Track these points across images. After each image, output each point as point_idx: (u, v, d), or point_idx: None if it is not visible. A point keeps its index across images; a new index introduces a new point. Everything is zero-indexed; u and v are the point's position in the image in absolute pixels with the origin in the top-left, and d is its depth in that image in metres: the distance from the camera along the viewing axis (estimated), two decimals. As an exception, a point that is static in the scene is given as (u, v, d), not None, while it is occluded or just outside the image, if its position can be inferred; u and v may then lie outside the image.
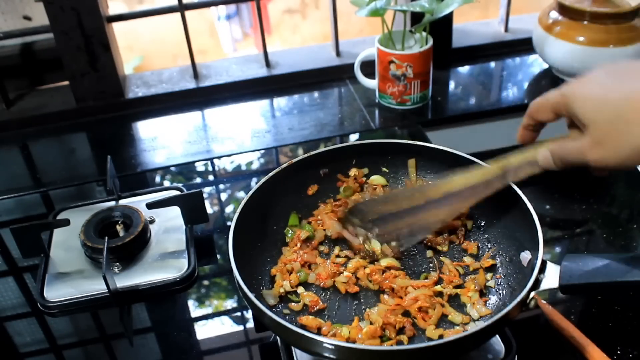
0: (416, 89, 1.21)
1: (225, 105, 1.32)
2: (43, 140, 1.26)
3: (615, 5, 1.19)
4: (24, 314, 0.87)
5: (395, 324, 0.72)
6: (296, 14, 3.27)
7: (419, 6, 1.11)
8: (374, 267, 0.79)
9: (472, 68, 1.39)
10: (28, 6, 1.30)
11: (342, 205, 0.88)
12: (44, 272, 0.89)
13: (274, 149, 1.18)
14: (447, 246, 0.83)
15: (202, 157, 1.16)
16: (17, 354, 0.82)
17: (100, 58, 1.25)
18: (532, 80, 1.33)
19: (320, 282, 0.79)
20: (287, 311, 0.76)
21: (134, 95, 1.31)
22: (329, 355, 0.64)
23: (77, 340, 0.85)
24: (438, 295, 0.76)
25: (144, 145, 1.21)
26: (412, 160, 0.91)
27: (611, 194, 1.04)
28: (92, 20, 1.20)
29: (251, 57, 1.43)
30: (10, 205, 1.08)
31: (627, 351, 0.75)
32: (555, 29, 1.22)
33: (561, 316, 0.78)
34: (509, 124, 1.28)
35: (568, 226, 0.98)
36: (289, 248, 0.84)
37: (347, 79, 1.36)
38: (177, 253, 0.91)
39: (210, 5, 1.40)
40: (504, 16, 1.45)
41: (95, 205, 1.00)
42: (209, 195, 1.09)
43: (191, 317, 0.86)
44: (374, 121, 1.23)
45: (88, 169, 1.17)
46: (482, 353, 0.72)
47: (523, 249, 0.75)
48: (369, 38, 1.44)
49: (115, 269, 0.89)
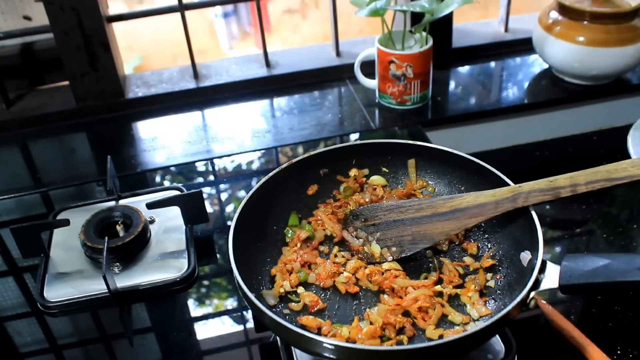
0: (416, 89, 1.21)
1: (225, 105, 1.32)
2: (43, 140, 1.26)
3: (615, 5, 1.19)
4: (24, 314, 0.87)
5: (395, 324, 0.72)
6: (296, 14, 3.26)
7: (419, 6, 1.11)
8: (374, 267, 0.79)
9: (472, 68, 1.39)
10: (28, 6, 1.30)
11: (342, 205, 0.88)
12: (44, 272, 0.89)
13: (274, 149, 1.18)
14: (447, 246, 0.83)
15: (202, 157, 1.16)
16: (17, 354, 0.82)
17: (100, 58, 1.25)
18: (532, 80, 1.33)
19: (320, 282, 0.79)
20: (287, 311, 0.76)
21: (134, 95, 1.31)
22: (329, 355, 0.64)
23: (77, 340, 0.85)
24: (438, 295, 0.76)
25: (144, 145, 1.21)
26: (412, 160, 0.91)
27: (611, 194, 1.04)
28: (92, 20, 1.20)
29: (251, 57, 1.43)
30: (10, 205, 1.08)
31: (627, 351, 0.75)
32: (555, 29, 1.22)
33: (561, 316, 0.78)
34: (509, 124, 1.28)
35: (568, 226, 0.98)
36: (289, 248, 0.84)
37: (347, 79, 1.36)
38: (177, 253, 0.91)
39: (210, 5, 1.40)
40: (504, 16, 1.45)
41: (95, 205, 1.00)
42: (209, 195, 1.09)
43: (191, 317, 0.86)
44: (374, 121, 1.23)
45: (88, 169, 1.17)
46: (482, 353, 0.72)
47: (523, 249, 0.75)
48: (369, 38, 1.44)
49: (115, 269, 0.89)
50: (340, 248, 0.84)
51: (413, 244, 0.80)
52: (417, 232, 0.80)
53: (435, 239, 0.79)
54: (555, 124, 1.31)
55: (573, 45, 1.19)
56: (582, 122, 1.31)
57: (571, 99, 1.28)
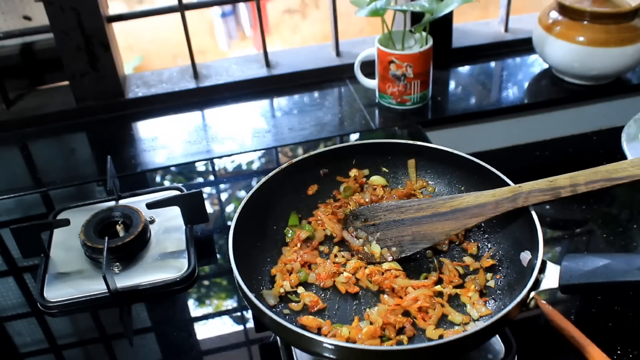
0: (416, 89, 1.21)
1: (225, 105, 1.32)
2: (43, 140, 1.26)
3: (615, 5, 1.19)
4: (24, 314, 0.87)
5: (395, 324, 0.72)
6: (296, 14, 3.26)
7: (419, 6, 1.11)
8: (374, 267, 0.79)
9: (472, 68, 1.39)
10: (28, 6, 1.30)
11: (342, 205, 0.88)
12: (44, 272, 0.89)
13: (274, 149, 1.18)
14: (447, 246, 0.83)
15: (202, 157, 1.16)
16: (17, 354, 0.82)
17: (100, 58, 1.25)
18: (532, 80, 1.33)
19: (320, 282, 0.79)
20: (287, 311, 0.76)
21: (134, 95, 1.31)
22: (329, 355, 0.64)
23: (77, 340, 0.85)
24: (438, 295, 0.76)
25: (144, 145, 1.21)
26: (412, 161, 0.91)
27: (611, 194, 1.04)
28: (92, 20, 1.20)
29: (251, 57, 1.43)
30: (10, 205, 1.08)
31: (627, 351, 0.75)
32: (555, 29, 1.22)
33: (561, 316, 0.78)
34: (509, 124, 1.28)
35: (568, 226, 0.98)
36: (289, 248, 0.84)
37: (347, 79, 1.36)
38: (177, 253, 0.91)
39: (210, 5, 1.40)
40: (504, 16, 1.45)
41: (95, 205, 1.00)
42: (209, 195, 1.09)
43: (191, 317, 0.86)
44: (374, 121, 1.23)
45: (88, 169, 1.17)
46: (482, 353, 0.72)
47: (523, 249, 0.75)
48: (369, 38, 1.44)
49: (115, 269, 0.89)
50: (340, 248, 0.84)
51: (413, 244, 0.80)
52: (417, 232, 0.80)
53: (435, 239, 0.79)
54: (555, 124, 1.31)
55: (573, 45, 1.19)
56: (582, 122, 1.31)
57: (571, 99, 1.28)
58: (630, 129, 1.01)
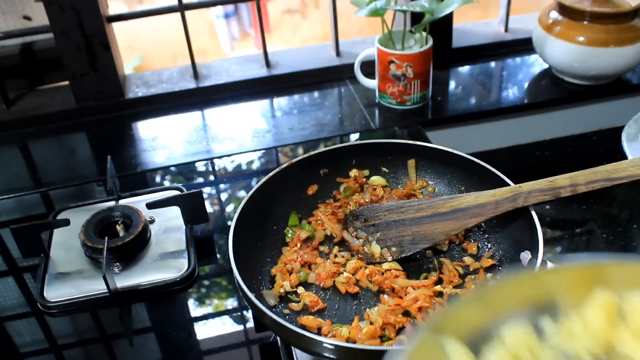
0: (416, 89, 1.21)
1: (225, 105, 1.32)
2: (43, 140, 1.26)
3: (615, 5, 1.19)
4: (24, 314, 0.87)
5: (395, 324, 0.72)
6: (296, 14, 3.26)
7: (419, 6, 1.11)
8: (374, 267, 0.79)
9: (472, 68, 1.39)
10: (28, 6, 1.30)
11: (342, 206, 0.88)
12: (44, 272, 0.89)
13: (274, 149, 1.18)
14: (447, 246, 0.83)
15: (202, 157, 1.16)
16: (17, 354, 0.82)
17: (100, 58, 1.25)
18: (532, 80, 1.33)
19: (320, 282, 0.79)
20: (287, 311, 0.76)
21: (134, 95, 1.31)
22: (329, 355, 0.64)
23: (77, 340, 0.85)
24: (438, 296, 0.76)
25: (144, 145, 1.21)
26: (412, 161, 0.91)
27: (611, 194, 1.04)
28: (92, 20, 1.20)
29: (251, 57, 1.43)
30: (10, 205, 1.08)
31: (627, 351, 0.75)
32: (555, 29, 1.22)
33: (561, 316, 0.78)
34: (509, 124, 1.28)
35: (568, 226, 0.98)
36: (289, 248, 0.84)
37: (347, 79, 1.36)
38: (177, 253, 0.91)
39: (210, 5, 1.40)
40: (504, 16, 1.45)
41: (95, 205, 1.00)
42: (209, 195, 1.09)
43: (191, 317, 0.86)
44: (374, 121, 1.23)
45: (88, 169, 1.17)
46: (482, 353, 0.72)
47: (523, 249, 0.75)
48: (369, 38, 1.44)
49: (115, 269, 0.89)
50: (340, 248, 0.84)
51: (413, 244, 0.80)
52: (417, 232, 0.80)
53: (435, 239, 0.79)
54: (555, 124, 1.31)
55: (573, 45, 1.19)
56: (582, 122, 1.31)
57: (571, 99, 1.28)
58: (630, 129, 1.01)
